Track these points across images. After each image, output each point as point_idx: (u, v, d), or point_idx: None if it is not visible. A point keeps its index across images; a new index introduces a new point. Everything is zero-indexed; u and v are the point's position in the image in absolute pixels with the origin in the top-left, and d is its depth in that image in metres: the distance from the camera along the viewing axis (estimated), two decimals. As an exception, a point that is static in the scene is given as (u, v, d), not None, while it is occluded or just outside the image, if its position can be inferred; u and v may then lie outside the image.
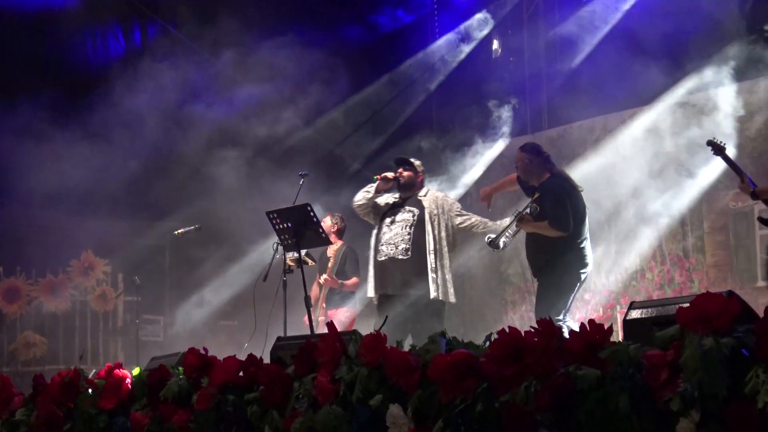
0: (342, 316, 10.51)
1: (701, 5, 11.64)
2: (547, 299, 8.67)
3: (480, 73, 14.51)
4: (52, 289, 12.38)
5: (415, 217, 9.25)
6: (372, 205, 9.49)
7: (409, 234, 9.20)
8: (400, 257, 9.17)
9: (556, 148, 13.62)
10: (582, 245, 8.89)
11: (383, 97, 14.41)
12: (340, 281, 10.65)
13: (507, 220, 9.01)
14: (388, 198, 9.59)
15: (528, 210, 8.80)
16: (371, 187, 9.46)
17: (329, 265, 10.64)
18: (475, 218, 9.46)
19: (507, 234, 8.89)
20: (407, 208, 9.34)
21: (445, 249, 9.24)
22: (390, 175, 9.44)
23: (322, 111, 13.72)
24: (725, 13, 11.46)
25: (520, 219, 8.79)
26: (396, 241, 9.20)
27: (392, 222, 9.32)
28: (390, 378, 4.36)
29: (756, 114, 11.49)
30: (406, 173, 9.45)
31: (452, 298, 9.22)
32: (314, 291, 10.87)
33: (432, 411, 4.14)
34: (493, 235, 8.96)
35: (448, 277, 9.19)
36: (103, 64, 13.04)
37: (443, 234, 9.23)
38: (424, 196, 9.44)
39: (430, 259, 9.13)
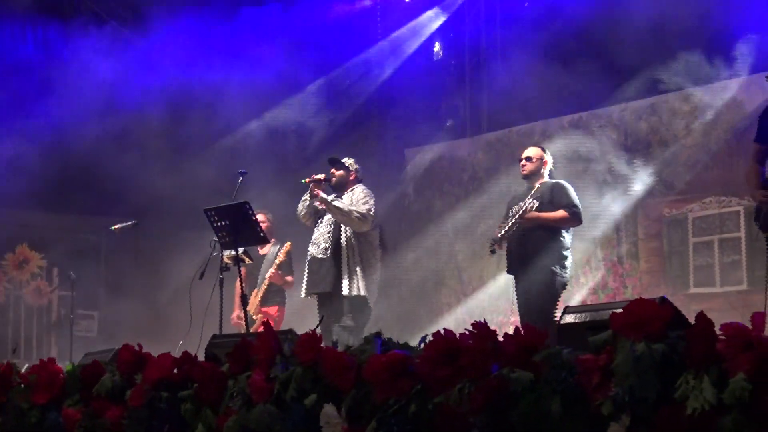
0: (273, 314, 10.49)
1: (639, 14, 11.76)
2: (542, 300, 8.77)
3: (421, 75, 14.55)
4: (-15, 283, 12.27)
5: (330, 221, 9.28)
6: (312, 212, 9.48)
7: (329, 233, 9.26)
8: (320, 256, 9.24)
9: (494, 152, 13.72)
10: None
11: (321, 99, 14.38)
12: (284, 277, 10.64)
13: (510, 219, 9.00)
14: (305, 195, 9.57)
15: (530, 205, 8.87)
16: (306, 195, 9.46)
17: (277, 261, 10.61)
18: (351, 213, 9.25)
19: (509, 232, 8.96)
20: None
21: (357, 244, 9.23)
22: (320, 176, 9.42)
23: (266, 109, 13.66)
24: (662, 24, 11.57)
25: (522, 215, 8.87)
26: (318, 240, 9.29)
27: (321, 222, 9.35)
28: (325, 377, 4.36)
29: (691, 123, 11.62)
30: (338, 173, 9.46)
31: (363, 292, 9.15)
32: (238, 288, 10.83)
33: (366, 411, 4.14)
34: (498, 236, 9.08)
35: (364, 273, 9.17)
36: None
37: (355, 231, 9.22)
38: (348, 193, 9.46)
39: (345, 255, 9.14)
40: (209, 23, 12.87)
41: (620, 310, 3.69)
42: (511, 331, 3.95)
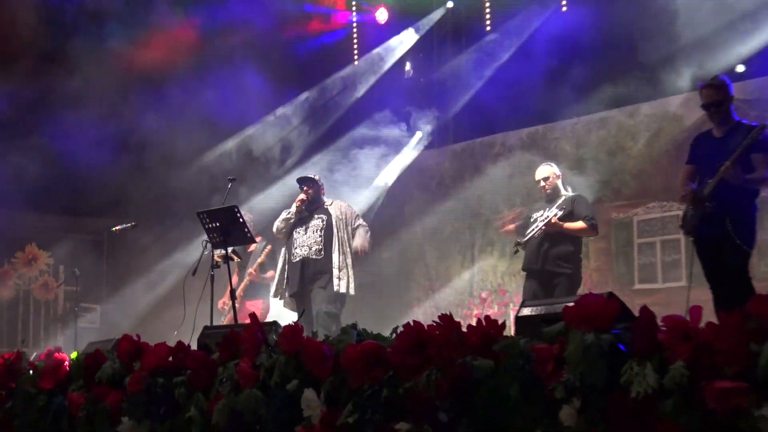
0: (258, 307, 10.51)
1: (589, 37, 11.82)
2: None
3: (393, 92, 14.55)
4: (-3, 278, 12.21)
5: (324, 222, 9.71)
6: (289, 228, 9.67)
7: (320, 236, 9.48)
8: (313, 257, 9.51)
9: (460, 161, 13.73)
10: None
11: (305, 111, 14.35)
12: (261, 275, 10.72)
13: (538, 222, 9.09)
14: (285, 215, 9.79)
15: (557, 213, 8.93)
16: (288, 214, 9.65)
17: (258, 261, 10.67)
18: (360, 229, 9.73)
19: (532, 235, 9.10)
20: (316, 216, 9.75)
21: (348, 249, 9.56)
22: (303, 196, 9.66)
23: (246, 125, 13.61)
24: (612, 45, 11.62)
25: (547, 222, 8.92)
26: (309, 243, 9.56)
27: (306, 229, 9.57)
28: (306, 365, 4.35)
29: (637, 135, 11.67)
30: (310, 190, 9.66)
31: (353, 291, 9.49)
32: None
33: (343, 395, 4.13)
34: (522, 240, 9.19)
35: (351, 273, 9.49)
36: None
37: (346, 237, 9.53)
38: (330, 205, 9.83)
39: (336, 257, 9.37)
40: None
41: (572, 304, 3.70)
42: (474, 323, 3.96)
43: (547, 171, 9.36)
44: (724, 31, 10.92)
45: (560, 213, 8.97)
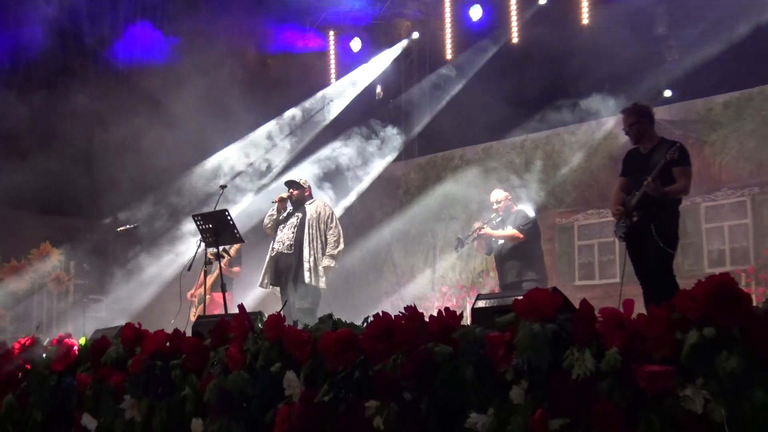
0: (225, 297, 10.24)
1: (538, 68, 11.90)
2: None
3: (365, 111, 14.55)
4: (14, 272, 12.07)
5: (299, 221, 9.33)
6: (275, 225, 9.47)
7: (293, 233, 9.25)
8: (285, 252, 9.19)
9: (423, 172, 13.74)
10: None
11: (288, 128, 14.28)
12: (229, 269, 10.46)
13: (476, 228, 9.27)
14: (269, 212, 9.59)
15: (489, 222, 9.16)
16: (273, 210, 9.45)
17: (228, 257, 10.40)
18: (331, 238, 9.30)
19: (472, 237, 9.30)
20: (296, 214, 9.40)
21: (319, 246, 9.20)
22: (284, 195, 9.46)
23: (225, 143, 13.50)
24: (557, 72, 11.68)
25: (477, 231, 9.14)
26: (284, 239, 9.26)
27: (284, 227, 9.36)
28: (287, 350, 4.33)
29: (577, 151, 11.73)
30: (295, 192, 9.48)
31: (322, 285, 9.12)
32: (201, 278, 10.68)
33: (320, 377, 4.12)
34: (463, 237, 9.45)
35: (321, 268, 9.13)
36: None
37: (318, 234, 9.25)
38: (310, 204, 9.46)
39: (306, 252, 9.12)
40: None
41: (521, 298, 3.70)
42: (434, 314, 3.96)
43: (500, 195, 9.39)
44: (653, 63, 11.06)
45: (491, 222, 9.16)
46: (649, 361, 3.27)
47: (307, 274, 9.01)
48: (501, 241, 9.00)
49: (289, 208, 9.47)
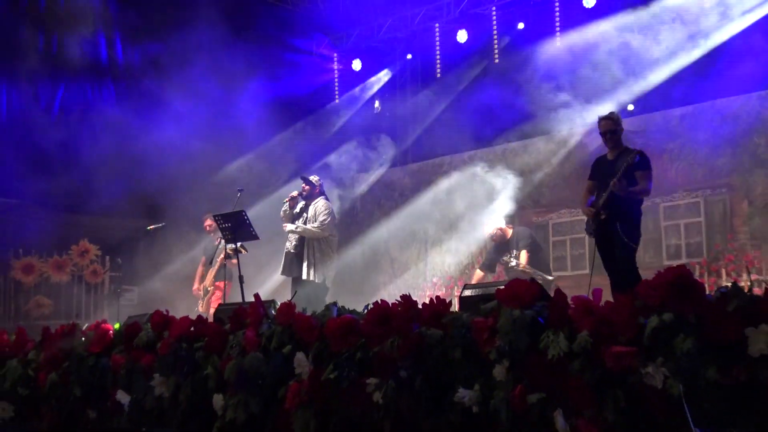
0: (221, 287, 10.10)
1: (518, 85, 11.92)
2: None
3: (365, 124, 14.58)
4: (57, 266, 12.05)
5: (303, 221, 9.03)
6: (290, 217, 9.18)
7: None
8: (291, 250, 8.93)
9: (416, 178, 13.72)
10: None
11: (297, 138, 14.28)
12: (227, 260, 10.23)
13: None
14: (283, 206, 9.30)
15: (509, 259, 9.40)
16: (286, 206, 9.16)
17: (223, 253, 10.15)
18: (309, 231, 8.87)
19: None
20: (303, 214, 9.03)
21: (317, 244, 8.83)
22: (294, 193, 9.18)
23: (256, 145, 13.50)
24: (536, 86, 11.70)
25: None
26: (291, 237, 8.97)
27: (293, 223, 9.06)
28: (297, 334, 4.33)
29: (552, 158, 11.76)
30: (306, 187, 9.14)
31: (319, 279, 8.77)
32: (200, 270, 10.59)
33: (326, 357, 4.12)
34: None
35: (320, 264, 8.80)
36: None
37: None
38: (314, 204, 9.06)
39: (306, 251, 8.83)
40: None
41: (503, 287, 3.70)
42: (427, 302, 3.96)
43: (491, 230, 9.65)
44: (618, 81, 11.10)
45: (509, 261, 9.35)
46: (615, 343, 3.27)
47: (305, 270, 8.76)
48: (513, 263, 9.24)
49: (301, 203, 9.19)
